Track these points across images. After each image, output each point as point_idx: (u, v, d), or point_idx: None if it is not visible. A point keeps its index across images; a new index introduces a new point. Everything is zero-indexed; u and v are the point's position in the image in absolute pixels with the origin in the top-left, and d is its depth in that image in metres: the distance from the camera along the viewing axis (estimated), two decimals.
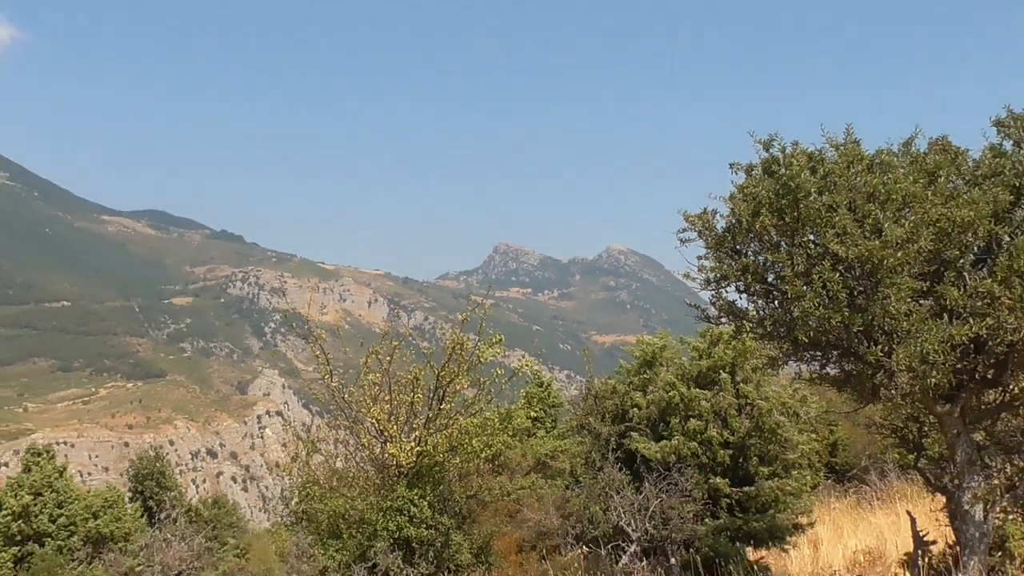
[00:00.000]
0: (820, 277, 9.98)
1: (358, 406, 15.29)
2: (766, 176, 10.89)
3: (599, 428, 16.16)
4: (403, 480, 14.58)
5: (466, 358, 15.13)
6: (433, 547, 14.10)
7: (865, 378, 10.75)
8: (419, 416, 14.98)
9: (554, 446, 20.19)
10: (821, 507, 19.95)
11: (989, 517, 11.05)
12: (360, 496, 14.76)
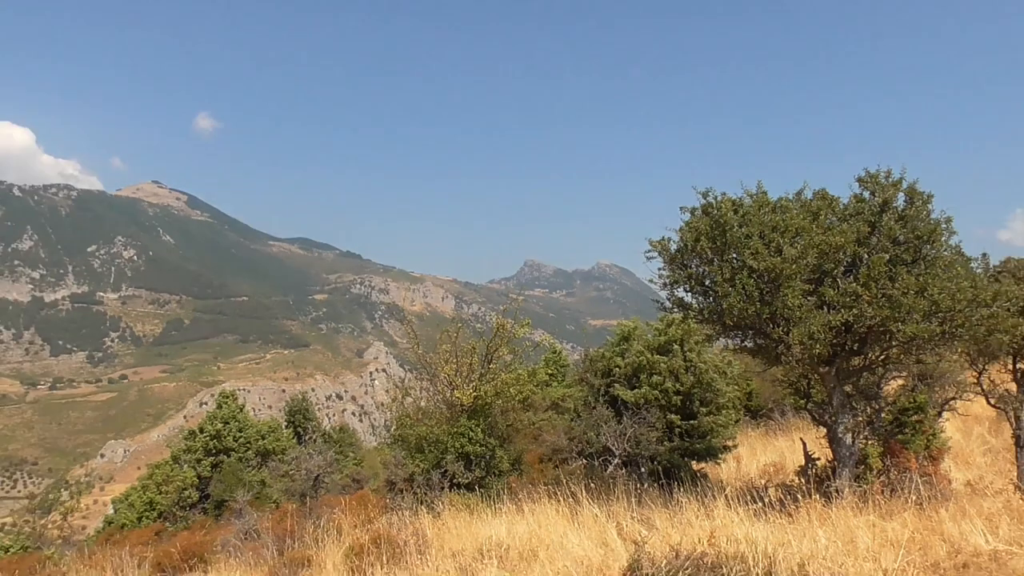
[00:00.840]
0: (740, 282, 10.17)
1: (435, 366, 15.36)
2: (704, 215, 11.01)
3: (593, 381, 16.09)
4: (464, 414, 14.63)
5: (506, 335, 15.18)
6: (484, 459, 14.12)
7: (771, 349, 10.94)
8: (475, 372, 15.01)
9: (563, 393, 20.13)
10: (741, 435, 19.79)
11: (856, 442, 11.12)
12: (436, 424, 14.81)
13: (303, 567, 9.06)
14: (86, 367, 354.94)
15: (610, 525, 8.67)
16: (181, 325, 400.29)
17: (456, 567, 8.17)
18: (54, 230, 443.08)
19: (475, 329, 16.96)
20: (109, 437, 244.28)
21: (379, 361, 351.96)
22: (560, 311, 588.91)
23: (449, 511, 11.35)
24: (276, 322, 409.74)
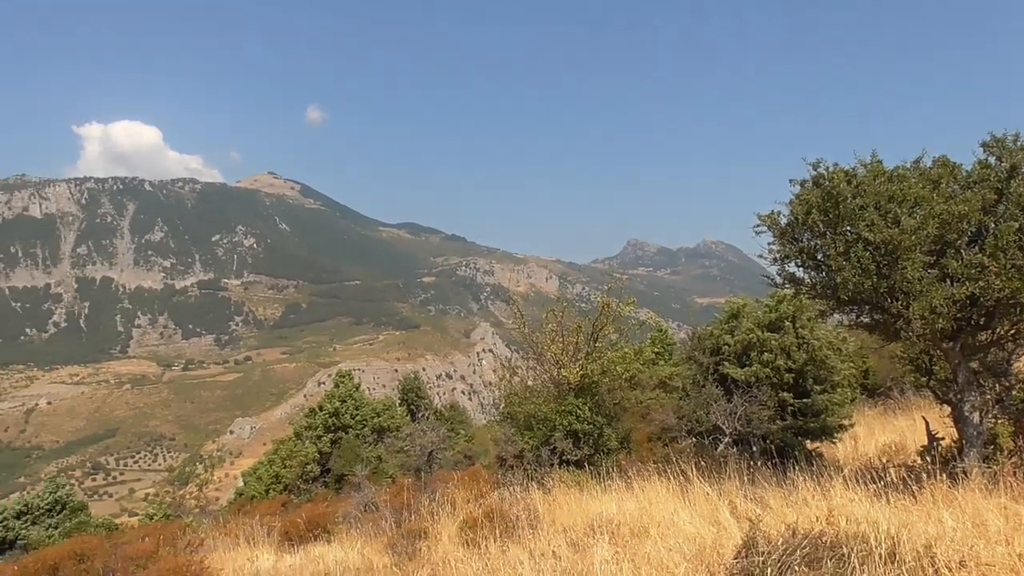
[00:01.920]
0: (855, 256, 9.78)
1: (541, 345, 15.45)
2: (815, 187, 10.62)
3: (702, 359, 15.81)
4: (571, 393, 14.67)
5: (611, 314, 15.10)
6: (592, 436, 14.15)
7: (889, 324, 10.50)
8: (581, 351, 15.02)
9: (670, 371, 19.88)
10: (858, 414, 19.03)
11: (984, 421, 10.54)
12: (544, 402, 14.91)
13: (420, 539, 9.36)
14: (214, 349, 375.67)
15: (722, 503, 8.55)
16: (299, 309, 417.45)
17: (567, 542, 8.24)
18: (182, 221, 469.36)
19: (579, 309, 16.95)
20: (237, 415, 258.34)
21: (486, 341, 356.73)
22: (664, 290, 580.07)
23: (559, 487, 11.45)
24: (387, 304, 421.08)
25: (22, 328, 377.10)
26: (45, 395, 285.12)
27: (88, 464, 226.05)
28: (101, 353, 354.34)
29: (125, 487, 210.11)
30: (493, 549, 8.53)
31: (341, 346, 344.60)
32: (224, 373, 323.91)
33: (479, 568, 8.01)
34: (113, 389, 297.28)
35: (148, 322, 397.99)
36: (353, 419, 25.13)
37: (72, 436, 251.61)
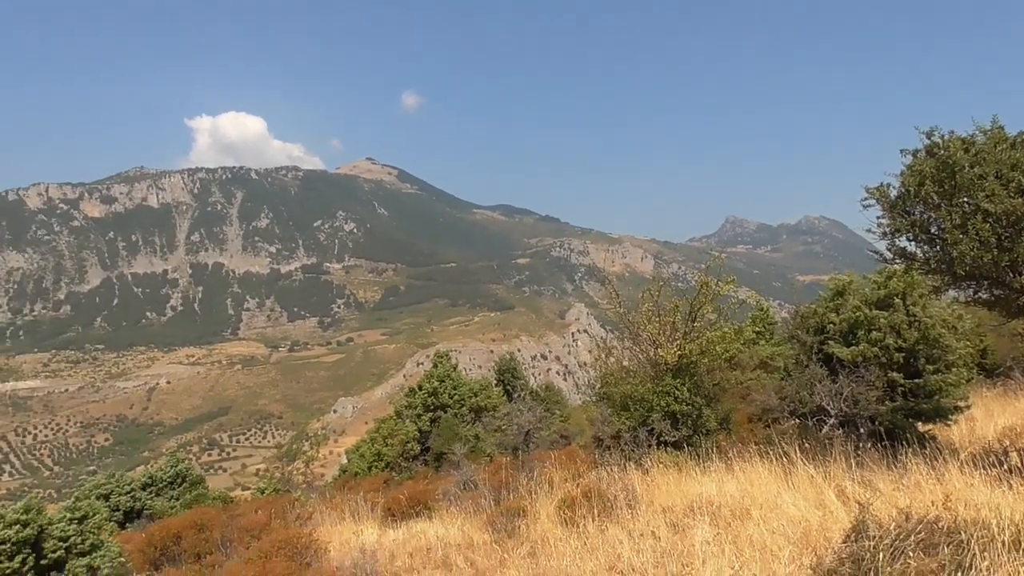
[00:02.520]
0: (974, 228, 9.18)
1: (638, 325, 15.27)
2: (928, 156, 10.03)
3: (805, 338, 15.29)
4: (669, 373, 14.47)
5: (709, 293, 14.79)
6: (690, 417, 13.93)
7: (1011, 300, 9.84)
8: (678, 331, 14.77)
9: (771, 351, 19.33)
10: (975, 395, 18.01)
11: None
12: (640, 383, 14.76)
13: (519, 517, 9.46)
14: (317, 331, 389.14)
15: (827, 487, 8.27)
16: (397, 291, 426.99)
17: (667, 523, 8.16)
18: (286, 208, 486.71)
19: (676, 288, 16.66)
20: (340, 394, 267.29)
21: (580, 322, 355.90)
22: (765, 267, 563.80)
23: (657, 468, 11.34)
24: (482, 286, 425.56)
25: (143, 312, 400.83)
26: (165, 375, 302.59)
27: (204, 440, 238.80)
28: (214, 335, 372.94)
29: (238, 462, 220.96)
30: (591, 528, 8.54)
31: (438, 327, 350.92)
32: (327, 354, 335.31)
33: (578, 547, 8.03)
34: (225, 369, 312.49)
35: (256, 305, 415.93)
36: (451, 399, 25.53)
37: (189, 414, 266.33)
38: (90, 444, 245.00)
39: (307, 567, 8.45)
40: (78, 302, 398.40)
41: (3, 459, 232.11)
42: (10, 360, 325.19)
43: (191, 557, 11.30)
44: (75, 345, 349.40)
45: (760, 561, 6.27)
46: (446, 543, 9.56)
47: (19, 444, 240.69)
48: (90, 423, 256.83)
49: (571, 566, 7.42)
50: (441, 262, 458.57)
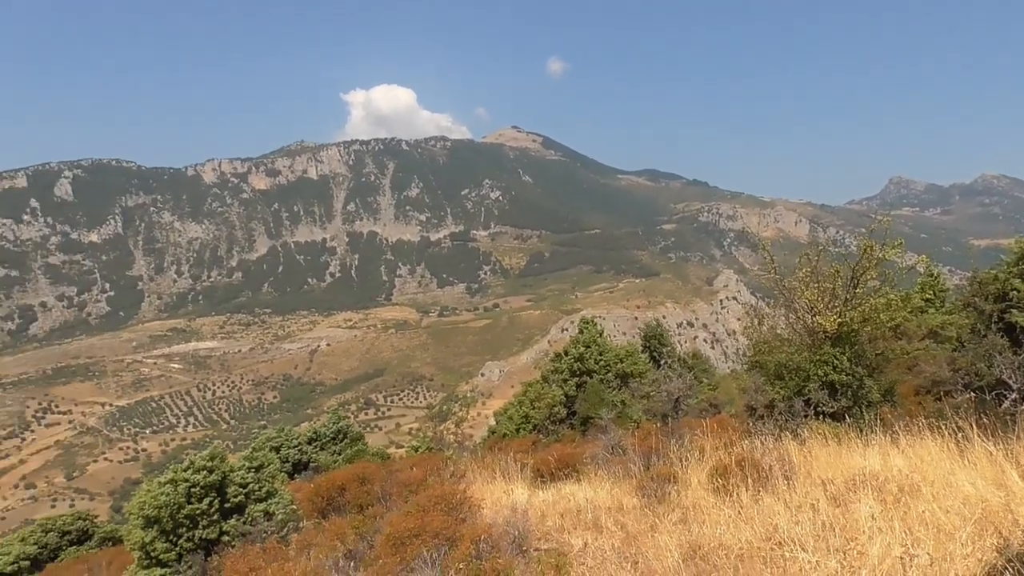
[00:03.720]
0: None
1: (793, 291, 14.63)
2: None
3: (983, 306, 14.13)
4: (828, 341, 13.79)
5: (873, 258, 13.90)
6: (850, 388, 13.24)
7: None
8: (838, 298, 14.01)
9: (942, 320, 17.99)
10: None
11: None
12: (796, 351, 14.17)
13: (669, 483, 9.37)
14: (465, 297, 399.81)
15: (1010, 466, 7.64)
16: (542, 258, 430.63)
17: (826, 496, 7.84)
18: (435, 177, 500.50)
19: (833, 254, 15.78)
20: (487, 358, 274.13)
21: (729, 289, 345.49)
22: (934, 231, 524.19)
23: (814, 439, 10.88)
24: (627, 253, 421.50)
25: (305, 278, 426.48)
26: (325, 337, 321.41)
27: (361, 399, 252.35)
28: (369, 300, 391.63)
29: (392, 421, 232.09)
30: (745, 498, 8.33)
31: (582, 294, 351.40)
32: (474, 319, 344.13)
33: (732, 515, 7.87)
34: (380, 333, 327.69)
35: (408, 272, 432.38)
36: (597, 364, 25.57)
37: (348, 374, 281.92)
38: (260, 401, 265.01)
39: (462, 522, 8.76)
40: (248, 269, 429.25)
41: (188, 412, 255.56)
42: (192, 322, 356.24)
43: (354, 508, 12.00)
44: (246, 309, 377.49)
45: (934, 540, 5.91)
46: (595, 506, 9.62)
47: (201, 399, 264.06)
48: (260, 381, 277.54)
49: (725, 534, 7.29)
50: (585, 229, 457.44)
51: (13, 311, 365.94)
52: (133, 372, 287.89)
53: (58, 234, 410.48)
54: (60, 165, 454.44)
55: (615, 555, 7.57)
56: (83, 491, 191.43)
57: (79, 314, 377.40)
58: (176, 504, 11.30)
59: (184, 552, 11.45)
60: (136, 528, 11.68)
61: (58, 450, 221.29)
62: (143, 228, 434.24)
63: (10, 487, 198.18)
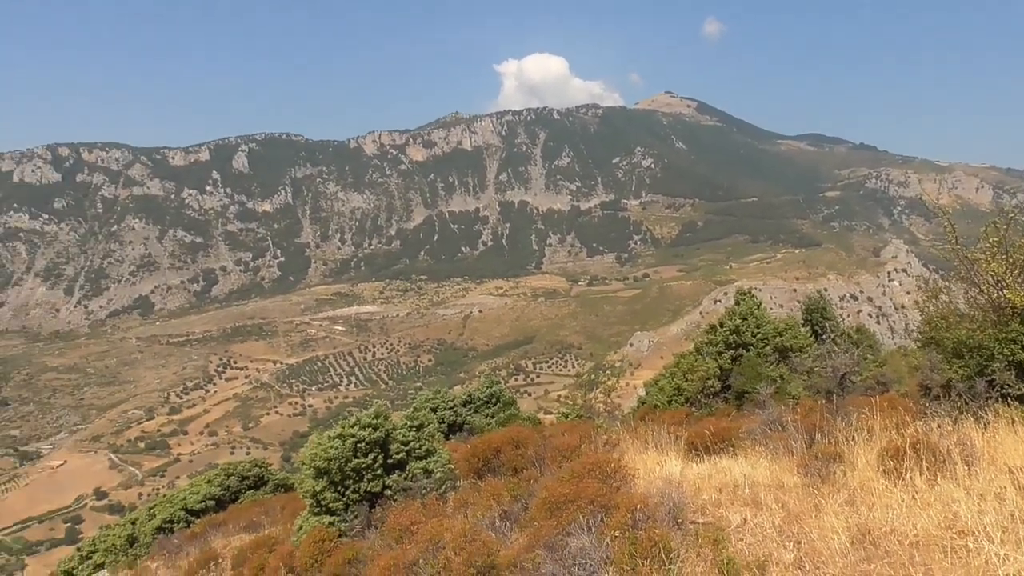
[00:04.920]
0: None
1: (976, 263, 13.43)
2: None
3: None
4: (1017, 318, 12.59)
5: None
6: None
7: None
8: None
9: None
10: None
11: None
12: (979, 328, 13.05)
13: (834, 462, 8.96)
14: (615, 266, 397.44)
15: None
16: (695, 227, 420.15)
17: (1014, 485, 7.23)
18: (585, 146, 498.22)
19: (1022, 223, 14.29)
20: (635, 329, 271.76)
21: (898, 260, 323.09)
22: None
23: (1000, 423, 10.04)
24: (785, 221, 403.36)
25: (459, 247, 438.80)
26: (477, 304, 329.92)
27: (511, 365, 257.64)
28: (520, 269, 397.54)
29: (541, 388, 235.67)
30: (920, 482, 7.84)
31: (737, 264, 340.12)
32: (624, 289, 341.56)
33: (905, 500, 7.43)
34: (530, 301, 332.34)
35: (557, 241, 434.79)
36: (754, 337, 24.68)
37: (498, 341, 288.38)
38: (416, 363, 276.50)
39: (616, 491, 8.78)
40: (406, 237, 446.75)
41: (350, 371, 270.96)
42: (354, 287, 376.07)
43: (508, 470, 12.31)
44: (403, 275, 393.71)
45: None
46: (753, 482, 9.37)
47: (361, 360, 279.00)
48: (416, 345, 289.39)
49: (898, 519, 6.89)
50: (741, 197, 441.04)
51: (198, 274, 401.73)
52: (301, 333, 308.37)
53: (236, 204, 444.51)
54: (238, 139, 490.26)
55: (776, 533, 7.36)
56: (257, 441, 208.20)
57: (254, 278, 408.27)
58: (344, 457, 12.03)
59: (351, 502, 12.20)
60: (308, 478, 12.56)
61: (236, 402, 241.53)
62: (310, 198, 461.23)
63: (197, 433, 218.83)
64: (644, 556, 6.71)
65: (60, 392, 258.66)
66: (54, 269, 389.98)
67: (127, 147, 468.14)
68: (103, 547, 26.66)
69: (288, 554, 12.19)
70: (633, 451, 13.05)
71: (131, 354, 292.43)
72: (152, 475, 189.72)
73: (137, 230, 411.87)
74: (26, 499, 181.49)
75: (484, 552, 7.83)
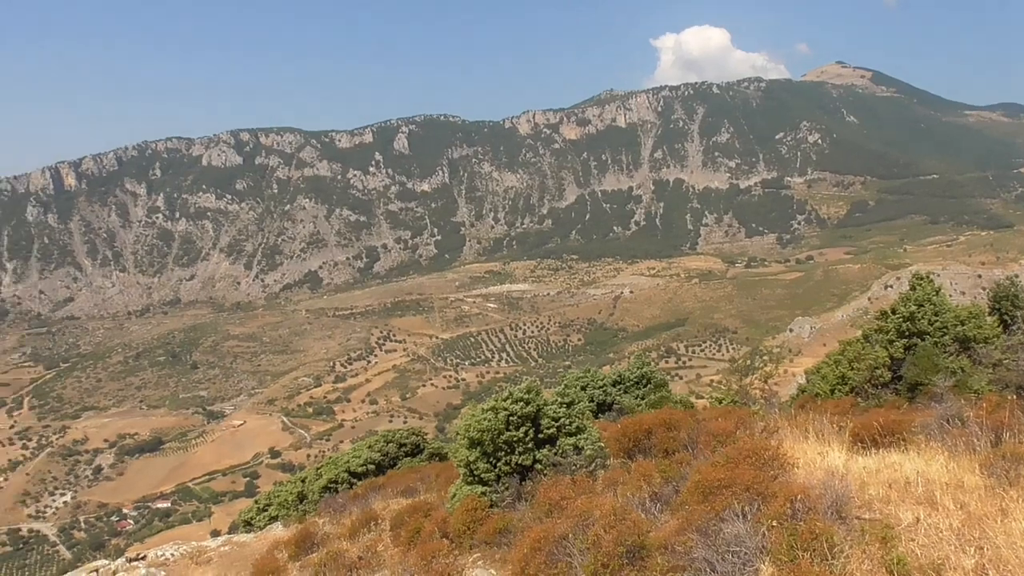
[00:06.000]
0: None
1: None
2: None
3: None
4: None
5: None
6: None
7: None
8: None
9: None
10: None
11: None
12: None
13: None
14: (775, 248, 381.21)
15: None
16: (865, 207, 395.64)
17: None
18: (746, 121, 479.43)
19: None
20: (796, 313, 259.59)
21: None
22: None
23: None
24: (971, 201, 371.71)
25: (610, 226, 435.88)
26: (628, 284, 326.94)
27: (662, 348, 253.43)
28: (673, 249, 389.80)
29: (692, 372, 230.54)
30: None
31: (912, 247, 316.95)
32: (785, 271, 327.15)
33: None
34: (683, 282, 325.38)
35: (714, 220, 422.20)
36: (931, 325, 22.90)
37: (649, 322, 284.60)
38: (566, 342, 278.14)
39: (774, 479, 8.46)
40: (557, 216, 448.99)
41: (501, 348, 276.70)
42: (505, 266, 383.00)
43: (660, 452, 12.15)
44: (554, 255, 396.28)
45: None
46: (927, 480, 8.73)
47: (512, 337, 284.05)
48: (566, 324, 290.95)
49: None
50: (920, 173, 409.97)
51: (362, 251, 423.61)
52: (455, 309, 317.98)
53: (396, 184, 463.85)
54: (399, 121, 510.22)
55: (954, 536, 6.83)
56: (414, 410, 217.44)
57: (412, 255, 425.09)
58: (496, 430, 12.32)
59: (502, 474, 12.50)
60: (462, 448, 12.98)
61: (395, 373, 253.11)
62: (466, 178, 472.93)
63: (359, 401, 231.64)
64: (804, 548, 6.43)
65: (240, 358, 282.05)
66: (236, 245, 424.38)
67: (299, 131, 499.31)
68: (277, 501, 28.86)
69: (442, 520, 12.65)
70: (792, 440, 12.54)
71: (301, 325, 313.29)
72: (319, 438, 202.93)
73: (307, 209, 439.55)
74: (213, 453, 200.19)
75: (634, 531, 7.78)
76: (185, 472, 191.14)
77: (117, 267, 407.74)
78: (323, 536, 15.73)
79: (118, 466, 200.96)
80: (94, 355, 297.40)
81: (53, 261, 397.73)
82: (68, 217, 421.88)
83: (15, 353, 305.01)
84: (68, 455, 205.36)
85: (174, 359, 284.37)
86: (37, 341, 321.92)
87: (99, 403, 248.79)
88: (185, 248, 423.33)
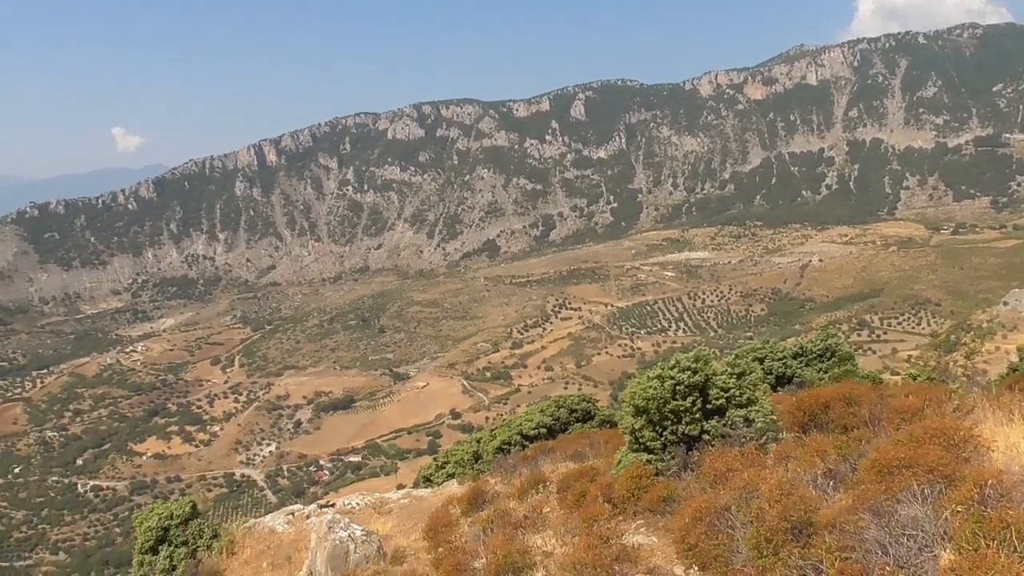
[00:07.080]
0: None
1: None
2: None
3: None
4: None
5: None
6: None
7: None
8: None
9: None
10: None
11: None
12: None
13: None
14: (989, 212, 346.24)
15: None
16: None
17: None
18: (957, 73, 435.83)
19: None
20: (1013, 285, 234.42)
21: None
22: None
23: None
24: None
25: (799, 191, 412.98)
26: (817, 252, 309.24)
27: (853, 320, 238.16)
28: (868, 215, 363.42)
29: (888, 346, 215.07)
30: None
31: None
32: (1000, 239, 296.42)
33: None
34: (879, 250, 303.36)
35: (916, 183, 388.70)
36: None
37: (840, 292, 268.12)
38: (747, 312, 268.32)
39: (964, 462, 7.80)
40: (740, 181, 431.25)
41: (679, 317, 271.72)
42: (685, 233, 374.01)
43: (837, 428, 11.55)
44: (737, 221, 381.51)
45: None
46: None
47: (691, 306, 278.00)
48: (748, 293, 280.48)
49: None
50: None
51: (538, 219, 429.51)
52: (631, 277, 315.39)
53: (572, 152, 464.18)
54: (575, 88, 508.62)
55: None
56: (588, 378, 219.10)
57: (588, 223, 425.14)
58: (662, 398, 12.20)
59: (668, 443, 12.39)
60: (628, 415, 12.98)
61: (570, 340, 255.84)
62: (643, 143, 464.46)
63: (535, 367, 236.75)
64: (991, 538, 5.91)
65: (423, 324, 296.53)
66: (419, 216, 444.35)
67: (477, 102, 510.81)
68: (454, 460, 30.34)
69: (607, 485, 12.77)
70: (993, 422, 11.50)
71: (480, 292, 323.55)
72: (496, 401, 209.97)
73: (485, 179, 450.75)
74: (399, 412, 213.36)
75: (802, 507, 7.49)
76: (374, 429, 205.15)
77: (313, 237, 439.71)
78: (493, 494, 16.37)
79: (315, 421, 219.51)
80: (293, 319, 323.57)
81: (258, 232, 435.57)
82: (270, 191, 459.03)
83: (227, 316, 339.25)
84: (272, 409, 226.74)
85: (363, 323, 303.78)
86: (245, 305, 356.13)
87: (298, 363, 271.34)
88: (373, 218, 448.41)
